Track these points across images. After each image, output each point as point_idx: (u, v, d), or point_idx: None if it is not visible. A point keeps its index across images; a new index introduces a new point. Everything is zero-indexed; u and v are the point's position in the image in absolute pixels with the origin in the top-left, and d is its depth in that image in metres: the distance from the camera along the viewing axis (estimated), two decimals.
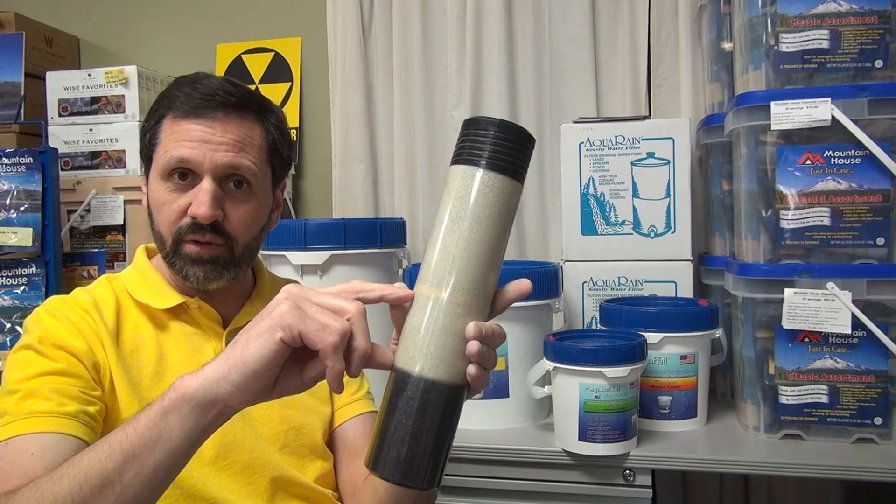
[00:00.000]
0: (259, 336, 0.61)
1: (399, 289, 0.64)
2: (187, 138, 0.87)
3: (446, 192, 0.65)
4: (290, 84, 2.06)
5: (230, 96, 0.88)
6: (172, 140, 0.88)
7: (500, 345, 0.65)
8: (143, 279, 0.94)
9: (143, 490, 0.62)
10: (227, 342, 0.92)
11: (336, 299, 0.62)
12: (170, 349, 0.90)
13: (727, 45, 1.59)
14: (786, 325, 1.29)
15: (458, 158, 0.65)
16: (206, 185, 0.86)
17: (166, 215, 0.88)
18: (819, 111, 1.25)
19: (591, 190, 1.60)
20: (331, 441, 1.00)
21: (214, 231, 0.88)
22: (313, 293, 0.63)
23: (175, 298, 0.92)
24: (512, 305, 0.69)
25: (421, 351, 0.62)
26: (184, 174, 0.87)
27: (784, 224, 1.30)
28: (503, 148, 0.63)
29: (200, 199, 0.86)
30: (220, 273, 0.89)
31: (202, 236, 0.87)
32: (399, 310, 0.64)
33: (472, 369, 0.62)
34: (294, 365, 0.63)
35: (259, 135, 0.91)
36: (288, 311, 0.60)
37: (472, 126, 0.65)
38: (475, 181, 0.63)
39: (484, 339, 0.62)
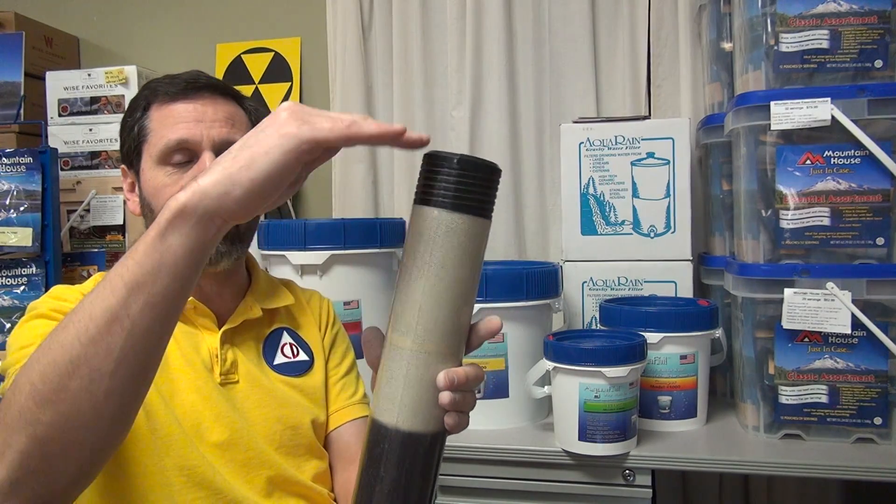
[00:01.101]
0: (268, 153, 0.57)
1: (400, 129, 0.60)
2: (181, 120, 0.89)
3: (410, 235, 0.62)
4: (289, 84, 2.06)
5: (211, 79, 0.93)
6: (165, 125, 0.89)
7: (477, 386, 0.64)
8: None
9: (154, 321, 0.59)
10: (223, 342, 0.92)
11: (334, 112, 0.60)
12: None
13: (727, 45, 1.59)
14: (785, 325, 1.29)
15: (420, 198, 0.61)
16: (209, 156, 0.88)
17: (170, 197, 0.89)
18: (819, 111, 1.25)
19: (590, 190, 1.60)
20: (326, 445, 1.00)
21: None
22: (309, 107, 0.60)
23: None
24: (512, 306, 0.69)
25: (395, 402, 0.61)
26: (182, 155, 0.89)
27: (784, 224, 1.30)
28: (466, 186, 0.59)
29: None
30: (229, 248, 0.90)
31: None
32: (372, 352, 0.64)
33: (448, 419, 0.62)
34: None
35: (242, 115, 0.95)
36: (300, 124, 0.57)
37: (433, 163, 0.61)
38: (439, 223, 0.60)
39: (456, 387, 0.61)
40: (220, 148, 0.90)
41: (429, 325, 0.60)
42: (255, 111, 0.98)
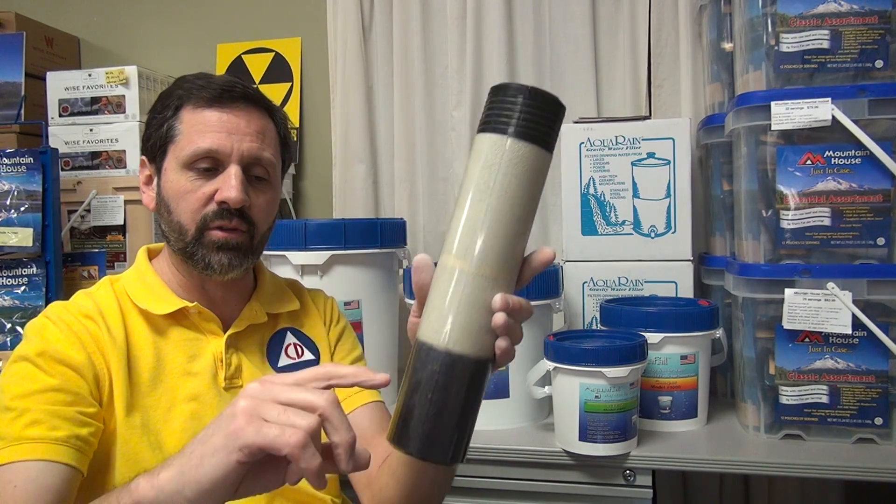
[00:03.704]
0: (213, 454, 0.59)
1: (375, 374, 0.62)
2: (213, 128, 0.88)
3: (473, 161, 0.63)
4: (290, 84, 2.06)
5: (247, 88, 0.91)
6: (196, 130, 0.88)
7: (526, 319, 0.64)
8: (143, 283, 0.93)
9: None
10: (227, 346, 0.92)
11: (303, 392, 0.60)
12: (167, 355, 0.90)
13: (727, 45, 1.59)
14: (786, 325, 1.29)
15: (486, 126, 0.63)
16: (235, 170, 0.88)
17: (190, 203, 0.88)
18: (819, 111, 1.25)
19: (591, 190, 1.60)
20: None
21: (241, 217, 0.89)
22: (277, 388, 0.60)
23: (174, 303, 0.91)
24: None
25: (446, 324, 0.60)
26: (208, 163, 0.88)
27: (784, 224, 1.30)
28: (533, 116, 0.61)
29: (231, 185, 0.87)
30: (241, 261, 0.90)
31: (229, 222, 0.88)
32: (422, 277, 0.64)
33: (500, 343, 0.62)
34: (263, 466, 0.61)
35: (272, 128, 0.94)
36: (245, 425, 0.58)
37: (502, 93, 0.62)
38: (504, 150, 0.61)
39: (511, 311, 0.61)
40: (248, 162, 0.89)
41: (487, 250, 0.61)
42: (284, 123, 0.97)
